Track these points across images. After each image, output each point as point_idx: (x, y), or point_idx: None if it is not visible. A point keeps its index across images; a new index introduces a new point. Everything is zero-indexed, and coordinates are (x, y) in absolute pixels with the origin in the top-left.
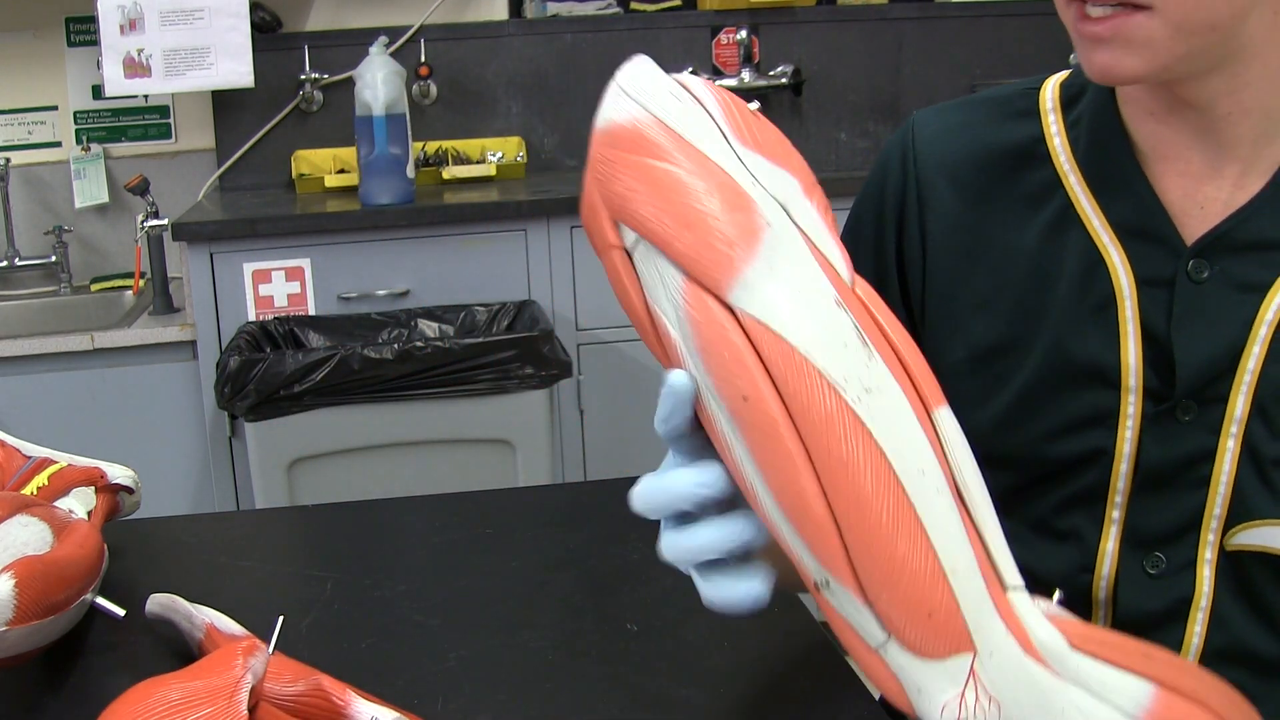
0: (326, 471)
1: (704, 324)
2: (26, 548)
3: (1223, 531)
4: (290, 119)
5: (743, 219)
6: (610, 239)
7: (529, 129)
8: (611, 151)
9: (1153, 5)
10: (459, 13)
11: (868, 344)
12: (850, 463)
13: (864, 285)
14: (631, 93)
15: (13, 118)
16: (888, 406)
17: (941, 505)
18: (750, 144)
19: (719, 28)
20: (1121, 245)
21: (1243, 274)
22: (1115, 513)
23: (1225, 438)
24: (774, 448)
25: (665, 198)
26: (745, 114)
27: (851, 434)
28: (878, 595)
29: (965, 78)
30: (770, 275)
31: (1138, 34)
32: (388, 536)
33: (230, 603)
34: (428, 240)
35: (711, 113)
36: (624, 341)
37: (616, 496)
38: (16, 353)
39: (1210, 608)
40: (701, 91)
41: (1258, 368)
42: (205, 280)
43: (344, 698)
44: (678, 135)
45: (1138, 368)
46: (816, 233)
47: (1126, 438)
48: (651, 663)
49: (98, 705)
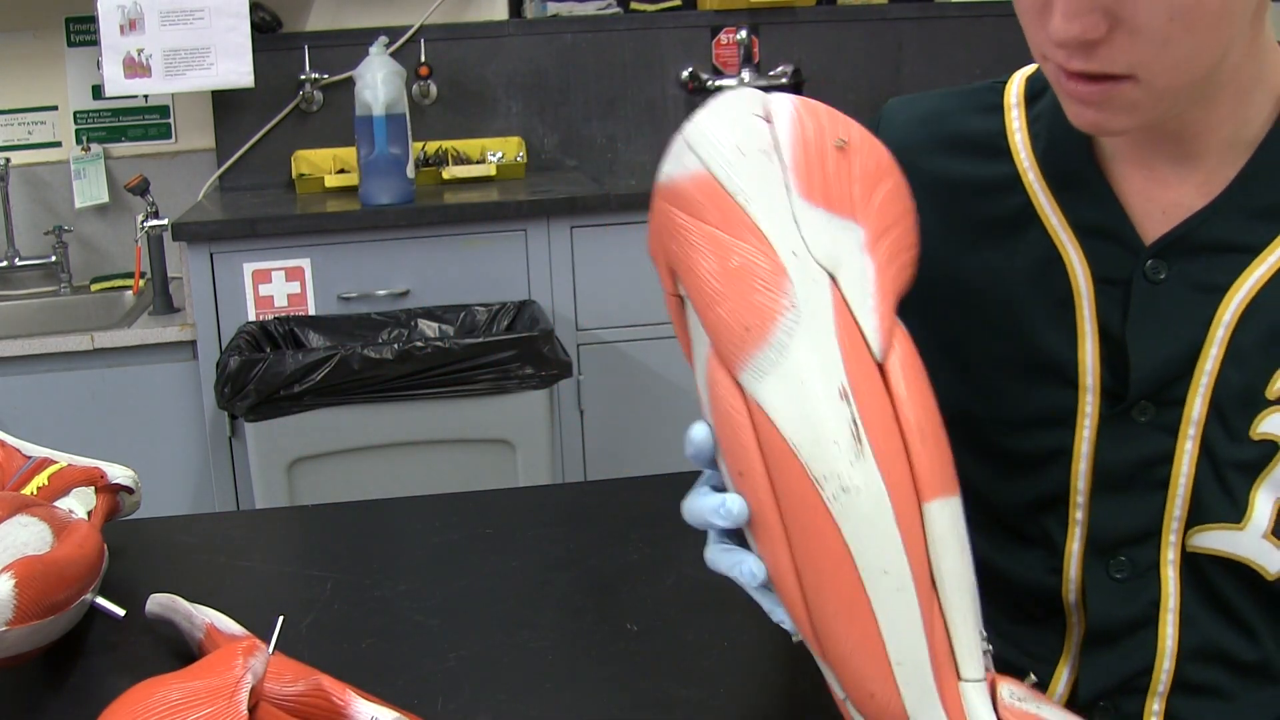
0: (326, 471)
1: (718, 396)
2: (26, 548)
3: (1184, 533)
4: (290, 119)
5: (765, 301)
6: (668, 286)
7: (529, 129)
8: (668, 207)
9: (1136, 75)
10: (459, 13)
11: (861, 440)
12: (818, 555)
13: (901, 353)
14: (695, 145)
15: (13, 118)
16: (863, 506)
17: (899, 602)
18: (816, 195)
19: (719, 28)
20: (1079, 244)
21: (1201, 276)
22: (1078, 513)
23: (1183, 439)
24: (760, 521)
25: (705, 267)
26: (821, 157)
27: (821, 529)
28: (834, 665)
29: (965, 78)
30: (778, 363)
31: (1122, 99)
32: (388, 536)
33: (230, 603)
34: (428, 240)
35: (784, 158)
36: (624, 341)
37: (616, 496)
38: (16, 353)
39: (1179, 609)
40: (782, 130)
41: (1215, 369)
42: (205, 280)
43: (344, 698)
44: (729, 200)
45: (1094, 367)
46: (860, 298)
47: (1084, 437)
48: (651, 663)
49: (98, 705)
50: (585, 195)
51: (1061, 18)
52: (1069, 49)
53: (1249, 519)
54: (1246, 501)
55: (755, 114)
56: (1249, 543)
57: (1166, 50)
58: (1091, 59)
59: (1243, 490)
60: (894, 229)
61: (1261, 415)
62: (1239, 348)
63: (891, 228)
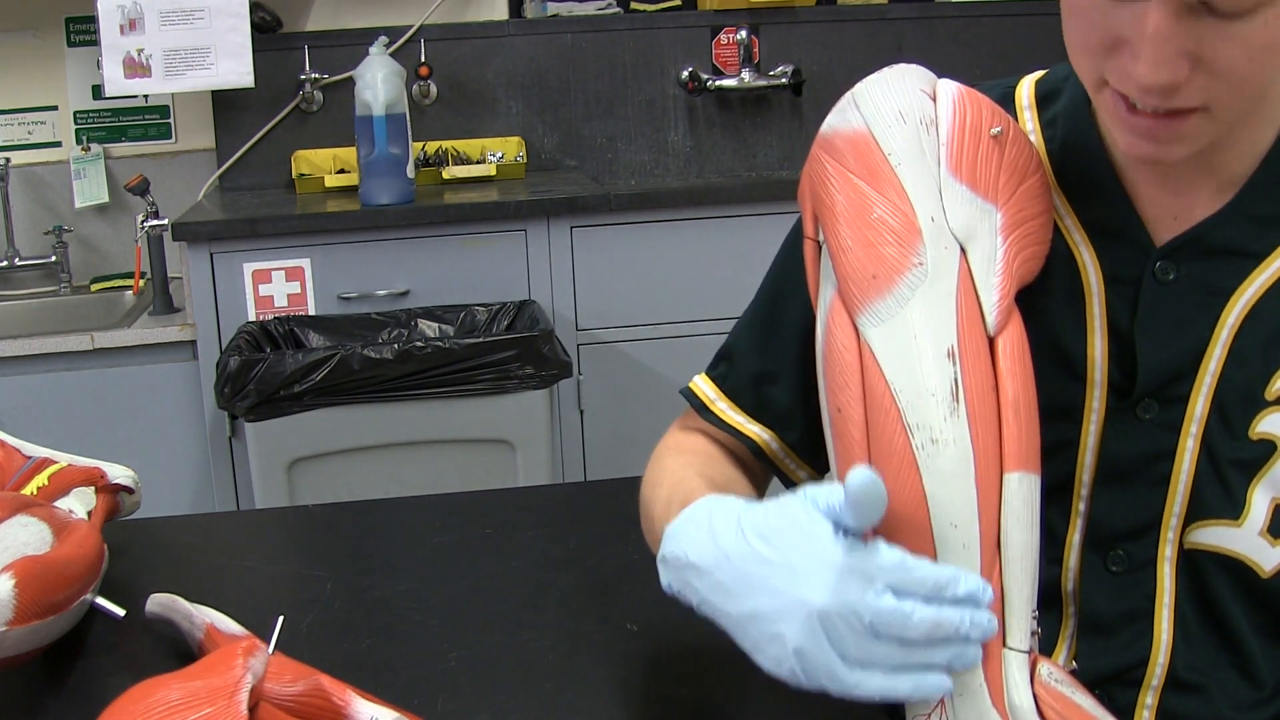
0: (326, 471)
1: (833, 334)
2: (26, 548)
3: (1182, 530)
4: (290, 119)
5: (895, 255)
6: (808, 230)
7: (529, 129)
8: (823, 155)
9: (1209, 107)
10: (459, 13)
11: (959, 399)
12: (895, 498)
13: (1012, 334)
14: (860, 104)
15: (13, 118)
16: (947, 459)
17: (962, 558)
18: (963, 172)
19: (719, 28)
20: (1091, 243)
21: (1208, 278)
22: (1080, 505)
23: (1185, 437)
24: (847, 459)
25: (847, 215)
26: (975, 140)
27: (905, 474)
28: None
29: (965, 78)
30: (896, 313)
31: (1188, 131)
32: (388, 536)
33: (230, 603)
34: (428, 240)
35: (940, 133)
36: (624, 341)
37: (616, 496)
38: (16, 353)
39: (1174, 605)
40: (944, 108)
41: (1218, 370)
42: (205, 280)
43: (344, 698)
44: (883, 158)
45: (1103, 363)
46: (985, 275)
47: (1090, 431)
48: (651, 663)
49: (98, 705)
50: (585, 195)
51: (1149, 66)
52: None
53: (1246, 516)
54: (1244, 499)
55: (922, 89)
56: (1245, 539)
57: (1243, 85)
58: (1170, 99)
59: (1241, 488)
60: (1029, 221)
61: (1260, 415)
62: (1241, 349)
63: (1027, 220)
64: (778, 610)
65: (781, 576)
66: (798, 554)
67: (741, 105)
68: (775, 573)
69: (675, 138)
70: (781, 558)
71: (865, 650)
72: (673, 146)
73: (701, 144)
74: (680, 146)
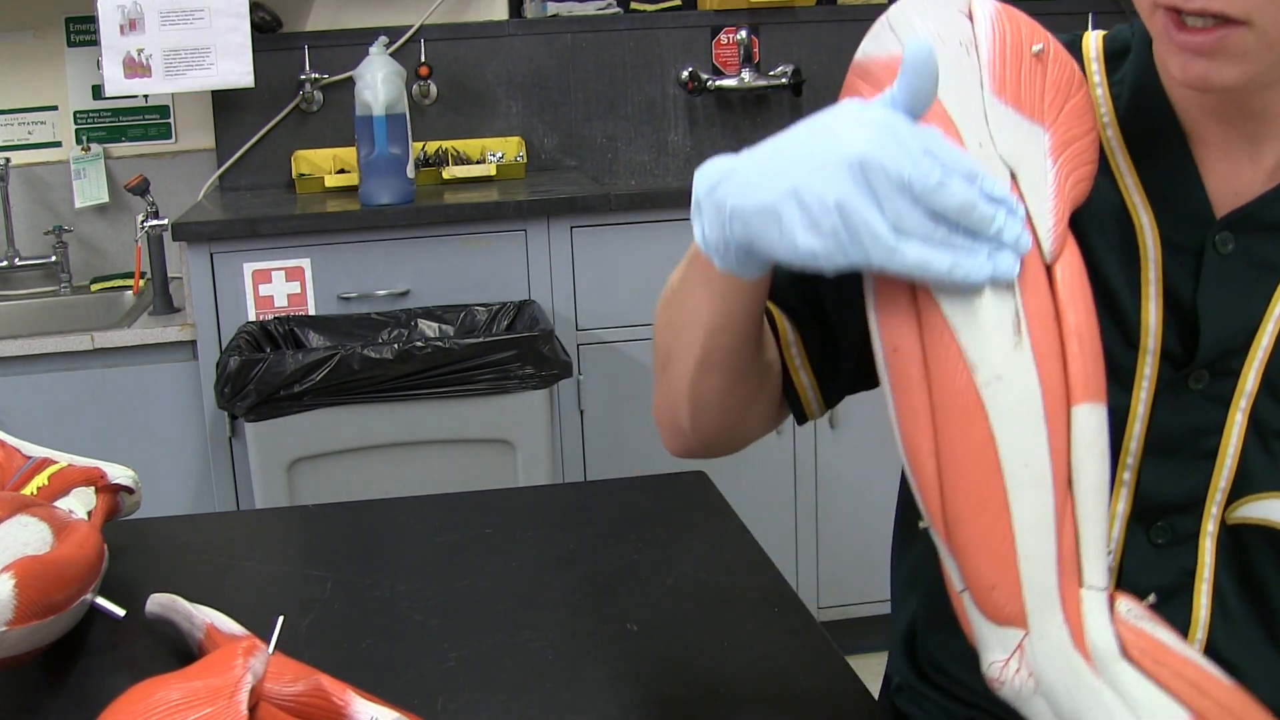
0: (326, 471)
1: None
2: (26, 548)
3: (1225, 506)
4: (290, 119)
5: None
6: None
7: (529, 129)
8: (861, 84)
9: (1250, 20)
10: (459, 13)
11: (1021, 331)
12: (961, 439)
13: (1069, 260)
14: (896, 27)
15: (13, 118)
16: (1014, 395)
17: (1035, 497)
18: (1008, 94)
19: (719, 28)
20: (1150, 207)
21: (1263, 253)
22: (1126, 474)
23: (1234, 411)
24: (907, 400)
25: None
26: (1017, 59)
27: (970, 414)
28: (957, 554)
29: None
30: None
31: (1235, 47)
32: (388, 536)
33: (230, 603)
34: (428, 240)
35: (981, 54)
36: (624, 341)
37: (616, 496)
38: (16, 353)
39: (1213, 580)
40: (982, 28)
41: (1270, 344)
42: (205, 280)
43: (344, 698)
44: None
45: (1158, 330)
46: (1037, 200)
47: (1141, 399)
48: (651, 663)
49: (98, 705)
50: (585, 195)
51: None
52: None
53: None
54: None
55: (958, 9)
56: None
57: None
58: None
59: None
60: (1077, 141)
61: None
62: None
63: (1076, 139)
64: (820, 166)
65: (820, 141)
66: (837, 119)
67: (741, 105)
68: (814, 138)
69: (675, 138)
70: (820, 124)
71: (903, 212)
72: (673, 146)
73: (701, 144)
74: (680, 146)
